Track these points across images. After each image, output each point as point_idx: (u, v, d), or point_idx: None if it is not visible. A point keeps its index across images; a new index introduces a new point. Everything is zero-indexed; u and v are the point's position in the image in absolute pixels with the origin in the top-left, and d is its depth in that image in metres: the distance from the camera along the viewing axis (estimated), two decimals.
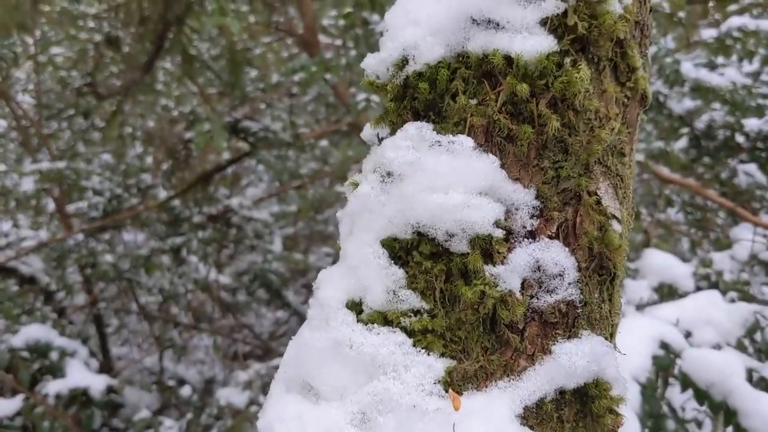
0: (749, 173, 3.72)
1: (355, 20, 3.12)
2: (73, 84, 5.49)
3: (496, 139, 0.89)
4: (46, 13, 6.43)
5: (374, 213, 0.89)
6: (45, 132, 5.65)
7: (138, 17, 3.24)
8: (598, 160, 0.92)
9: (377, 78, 0.97)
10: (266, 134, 3.67)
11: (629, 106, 0.99)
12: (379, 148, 0.93)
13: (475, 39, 0.90)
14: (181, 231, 4.57)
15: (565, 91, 0.88)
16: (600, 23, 0.90)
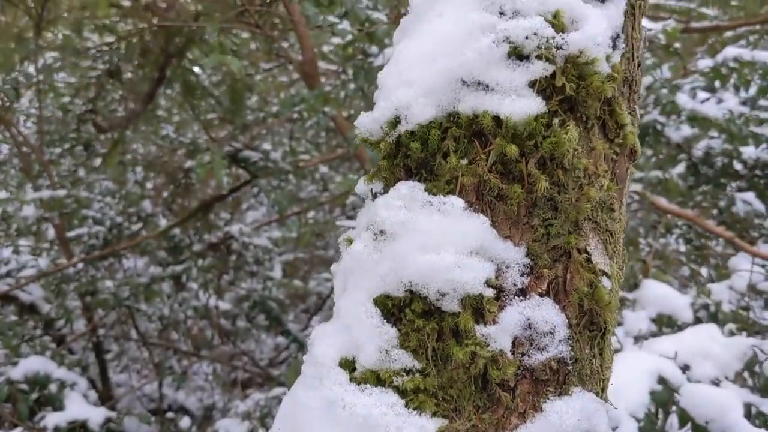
0: (747, 201, 3.73)
1: (354, 51, 3.15)
2: (75, 111, 5.54)
3: (487, 197, 0.91)
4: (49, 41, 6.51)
5: (367, 271, 0.90)
6: (46, 158, 5.69)
7: (139, 50, 3.29)
8: (587, 217, 0.93)
9: (371, 135, 0.99)
10: (266, 163, 3.70)
11: (618, 162, 1.01)
12: (372, 206, 0.94)
13: (465, 100, 0.92)
14: (182, 258, 4.59)
15: (554, 151, 0.89)
16: (588, 84, 0.92)
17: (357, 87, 2.93)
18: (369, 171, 1.04)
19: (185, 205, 4.80)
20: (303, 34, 3.19)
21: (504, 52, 0.91)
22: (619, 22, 0.99)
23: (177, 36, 3.32)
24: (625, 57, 1.03)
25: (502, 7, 0.93)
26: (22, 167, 6.21)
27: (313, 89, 3.30)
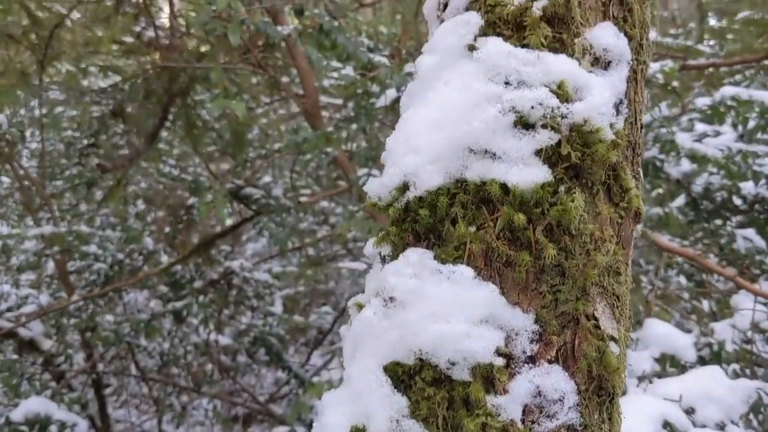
0: (748, 238, 3.74)
1: (356, 91, 3.19)
2: (77, 144, 5.57)
3: (495, 264, 0.92)
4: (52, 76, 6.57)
5: (378, 338, 0.91)
6: (47, 192, 5.71)
7: (143, 90, 3.32)
8: (594, 282, 0.94)
9: (380, 200, 1.00)
10: (268, 200, 3.72)
11: (623, 224, 1.02)
12: (381, 272, 0.95)
13: (472, 167, 0.93)
14: (182, 294, 4.58)
15: (560, 218, 0.91)
16: (593, 152, 0.93)
17: (359, 127, 2.96)
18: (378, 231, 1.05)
19: (186, 241, 4.81)
20: (305, 74, 3.23)
21: (510, 121, 0.93)
22: (622, 89, 1.01)
23: (180, 76, 3.35)
24: (628, 122, 1.05)
25: (508, 77, 0.95)
26: (23, 201, 6.24)
27: (316, 128, 3.33)
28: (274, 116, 6.71)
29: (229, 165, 6.32)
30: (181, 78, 3.32)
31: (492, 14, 1.01)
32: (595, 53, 1.00)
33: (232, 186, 3.80)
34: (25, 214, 6.48)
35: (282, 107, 6.73)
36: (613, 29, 1.02)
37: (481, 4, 1.03)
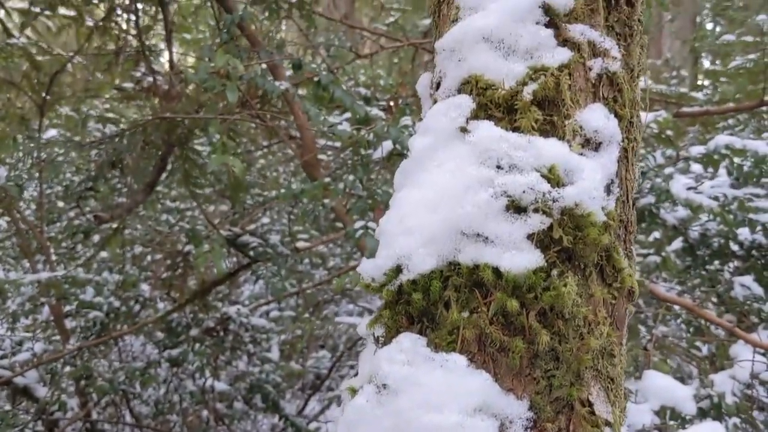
0: (745, 285, 3.73)
1: (353, 142, 3.21)
2: (74, 188, 5.59)
3: (489, 350, 0.92)
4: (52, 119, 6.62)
5: (370, 426, 0.90)
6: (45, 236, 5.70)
7: (142, 142, 3.35)
8: (588, 366, 0.94)
9: (373, 281, 1.00)
10: (265, 249, 3.72)
11: (617, 305, 1.02)
12: (374, 357, 0.95)
13: (465, 251, 0.94)
14: (179, 340, 4.54)
15: (553, 303, 0.91)
16: (585, 235, 0.94)
17: (356, 178, 2.98)
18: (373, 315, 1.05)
19: (183, 287, 4.79)
20: (303, 126, 3.26)
21: (502, 205, 0.93)
22: (613, 170, 1.02)
23: (179, 126, 3.38)
24: (620, 201, 1.06)
25: (499, 161, 0.96)
26: (20, 245, 6.23)
27: (313, 178, 3.35)
28: (272, 158, 6.74)
29: (227, 206, 6.35)
30: (179, 128, 3.35)
31: (483, 97, 1.03)
32: (585, 135, 1.01)
33: (230, 234, 3.80)
34: (22, 256, 6.46)
35: (280, 150, 6.78)
36: (603, 111, 1.03)
37: (472, 86, 1.05)
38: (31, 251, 5.96)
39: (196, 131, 3.52)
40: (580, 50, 1.05)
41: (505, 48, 1.04)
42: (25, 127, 6.13)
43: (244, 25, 2.97)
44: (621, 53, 1.09)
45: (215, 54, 2.35)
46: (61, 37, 6.47)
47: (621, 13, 1.11)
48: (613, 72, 1.06)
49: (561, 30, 1.05)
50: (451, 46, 1.08)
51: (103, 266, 5.62)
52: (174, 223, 4.47)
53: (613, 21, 1.10)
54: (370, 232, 2.68)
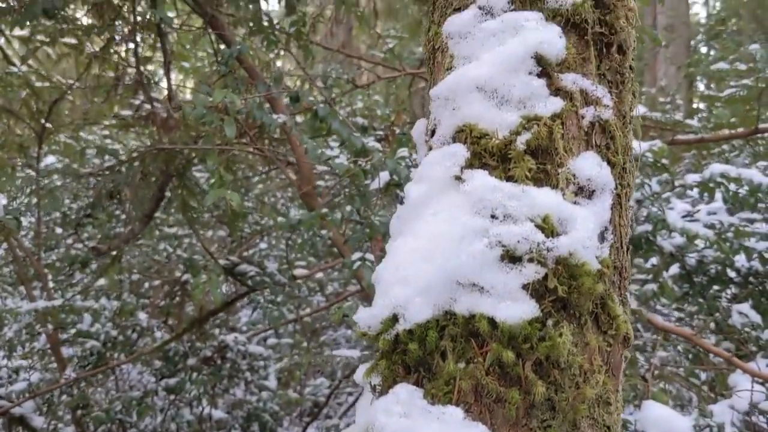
0: (743, 313, 3.73)
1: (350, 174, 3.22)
2: (72, 216, 5.59)
3: (486, 400, 0.92)
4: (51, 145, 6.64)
5: None
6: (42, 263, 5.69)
7: (140, 173, 3.36)
8: (585, 415, 0.94)
9: (369, 329, 1.00)
10: (263, 278, 3.72)
11: (612, 351, 1.02)
12: (371, 408, 0.95)
13: (461, 301, 0.94)
14: (176, 369, 4.52)
15: (549, 353, 0.91)
16: (579, 284, 0.95)
17: (353, 209, 2.99)
18: None
19: (181, 314, 4.78)
20: (301, 156, 3.28)
21: (497, 255, 0.94)
22: (606, 217, 1.03)
23: (177, 157, 3.40)
24: (614, 247, 1.07)
25: (494, 211, 0.97)
26: (18, 272, 6.22)
27: (311, 208, 3.36)
28: (269, 183, 6.76)
29: (225, 232, 6.35)
30: (178, 159, 3.37)
31: (477, 146, 1.04)
32: (578, 183, 1.03)
33: (227, 263, 3.80)
34: (19, 282, 6.45)
35: (278, 175, 6.80)
36: (596, 159, 1.05)
37: (466, 134, 1.06)
38: (28, 278, 5.95)
39: (194, 161, 3.54)
40: (572, 99, 1.07)
41: (498, 97, 1.05)
42: (23, 155, 6.15)
43: (242, 58, 3.00)
44: (613, 101, 1.11)
45: (213, 89, 2.37)
46: (61, 64, 6.52)
47: (612, 61, 1.13)
48: (605, 120, 1.08)
49: (553, 79, 1.07)
50: (446, 94, 1.09)
51: (101, 293, 5.61)
52: (171, 251, 4.47)
53: (604, 69, 1.12)
54: (367, 263, 2.68)
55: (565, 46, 1.07)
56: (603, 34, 1.11)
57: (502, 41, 1.08)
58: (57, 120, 6.19)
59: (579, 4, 1.09)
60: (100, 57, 5.14)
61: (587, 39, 1.10)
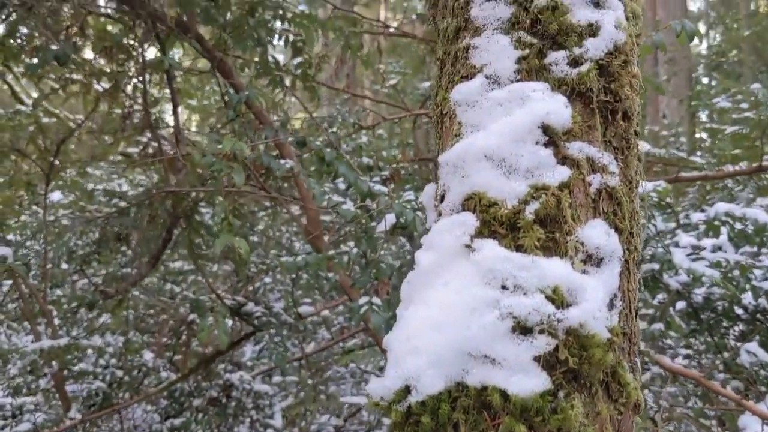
0: (752, 352, 3.71)
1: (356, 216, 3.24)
2: (78, 253, 5.61)
3: None
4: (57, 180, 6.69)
5: None
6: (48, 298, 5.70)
7: (148, 216, 3.39)
8: None
9: (382, 399, 1.01)
10: (269, 318, 3.72)
11: (623, 419, 1.03)
12: None
13: (473, 373, 0.95)
14: (182, 408, 4.50)
15: (561, 425, 0.92)
16: (590, 355, 0.95)
17: (360, 251, 3.00)
18: None
19: (187, 354, 4.77)
20: (307, 198, 3.31)
21: (508, 326, 0.95)
22: (615, 284, 1.04)
23: (185, 199, 3.43)
24: (623, 313, 1.07)
25: (504, 281, 0.98)
26: (23, 309, 6.22)
27: (317, 248, 3.37)
28: (275, 219, 6.79)
29: (230, 266, 6.35)
30: (185, 201, 3.40)
31: (487, 214, 1.06)
32: (587, 251, 1.04)
33: (233, 303, 3.81)
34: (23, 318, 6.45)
35: (283, 210, 6.82)
36: (604, 227, 1.06)
37: (475, 203, 1.08)
38: (33, 314, 5.96)
39: (201, 203, 3.57)
40: (579, 167, 1.08)
41: (506, 167, 1.07)
42: (30, 193, 6.20)
43: (250, 103, 3.05)
44: (619, 167, 1.13)
45: (222, 136, 2.40)
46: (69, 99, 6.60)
47: (618, 128, 1.15)
48: (612, 187, 1.10)
49: (560, 148, 1.09)
50: (455, 162, 1.11)
51: (106, 330, 5.61)
52: (178, 292, 4.49)
53: (610, 136, 1.14)
54: (374, 308, 2.69)
55: (571, 115, 1.10)
56: (608, 102, 1.14)
57: (509, 111, 1.10)
58: (64, 157, 6.25)
59: (584, 73, 1.12)
60: (108, 96, 5.21)
61: (593, 107, 1.13)
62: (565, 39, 1.14)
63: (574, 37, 1.14)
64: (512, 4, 1.19)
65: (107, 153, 6.33)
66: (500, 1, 1.20)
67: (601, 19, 1.16)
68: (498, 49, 1.16)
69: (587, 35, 1.15)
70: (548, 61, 1.14)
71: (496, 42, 1.17)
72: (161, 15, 3.30)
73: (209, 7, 3.25)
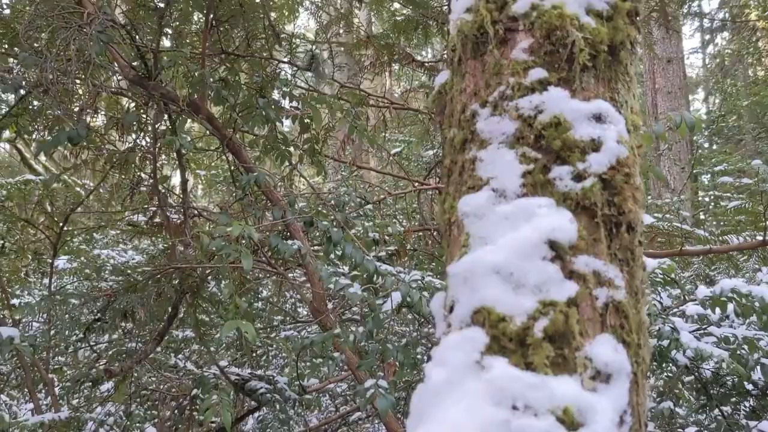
0: (762, 430, 3.66)
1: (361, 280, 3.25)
2: (81, 318, 5.61)
3: None
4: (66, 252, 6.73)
5: None
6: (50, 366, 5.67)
7: (154, 294, 3.42)
8: None
9: None
10: (273, 395, 3.69)
11: None
12: None
13: None
14: None
15: None
16: None
17: (366, 331, 3.00)
18: None
19: (189, 426, 4.71)
20: (313, 275, 3.33)
21: None
22: (624, 401, 1.05)
23: (192, 276, 3.46)
24: (633, 428, 1.08)
25: (515, 401, 0.99)
26: (24, 378, 6.17)
27: (323, 326, 3.37)
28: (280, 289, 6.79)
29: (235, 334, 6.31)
30: (191, 278, 3.43)
31: (496, 330, 1.08)
32: (596, 367, 1.05)
33: (237, 378, 3.78)
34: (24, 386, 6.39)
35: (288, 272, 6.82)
36: (612, 342, 1.08)
37: (484, 317, 1.10)
38: (34, 382, 5.91)
39: (208, 278, 3.59)
40: (585, 281, 1.11)
41: (514, 282, 1.09)
42: (37, 262, 6.23)
43: (260, 183, 3.10)
44: (625, 278, 1.15)
45: (231, 218, 2.44)
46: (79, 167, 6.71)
47: (622, 240, 1.18)
48: (618, 301, 1.11)
49: (566, 262, 1.11)
50: (464, 275, 1.14)
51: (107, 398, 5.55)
52: (182, 364, 4.46)
53: (615, 249, 1.17)
54: (380, 390, 2.67)
55: (576, 230, 1.13)
56: (612, 216, 1.17)
57: (515, 226, 1.13)
58: (71, 224, 6.30)
59: (588, 188, 1.15)
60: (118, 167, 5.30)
61: (597, 221, 1.16)
62: (568, 154, 1.18)
63: (577, 153, 1.18)
64: (517, 119, 1.23)
65: (114, 220, 6.40)
66: (505, 116, 1.24)
67: (603, 135, 1.20)
68: (503, 164, 1.20)
69: (590, 150, 1.19)
70: (552, 176, 1.18)
71: (502, 156, 1.21)
72: (173, 96, 3.40)
73: (220, 88, 3.35)
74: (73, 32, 3.09)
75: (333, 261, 2.89)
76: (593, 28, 1.27)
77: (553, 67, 1.26)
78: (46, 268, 5.78)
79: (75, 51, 3.11)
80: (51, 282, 5.15)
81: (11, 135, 6.36)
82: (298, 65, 3.96)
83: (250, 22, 3.60)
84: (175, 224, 5.08)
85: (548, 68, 1.26)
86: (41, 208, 6.24)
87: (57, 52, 3.18)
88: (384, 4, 5.55)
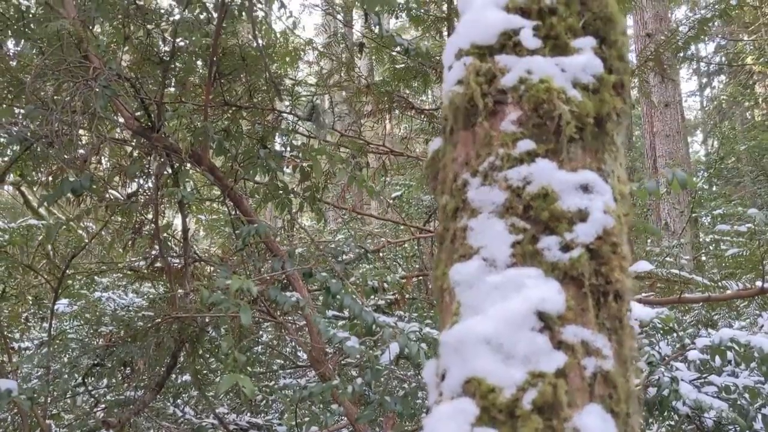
0: None
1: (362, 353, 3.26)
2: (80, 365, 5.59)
3: None
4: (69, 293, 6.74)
5: None
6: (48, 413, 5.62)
7: (154, 344, 3.43)
8: None
9: None
10: None
11: None
12: None
13: None
14: None
15: None
16: None
17: (364, 382, 3.00)
18: None
19: None
20: (312, 325, 3.34)
21: None
22: None
23: (191, 325, 3.47)
24: None
25: None
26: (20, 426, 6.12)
27: (322, 376, 3.37)
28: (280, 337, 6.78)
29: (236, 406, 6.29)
30: (191, 327, 3.44)
31: (486, 400, 1.09)
32: None
33: (236, 428, 3.76)
34: None
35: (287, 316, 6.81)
36: (600, 413, 1.09)
37: (475, 387, 1.11)
38: (30, 430, 5.85)
39: (207, 328, 3.60)
40: (574, 351, 1.13)
41: (504, 352, 1.12)
42: (38, 307, 6.24)
43: (260, 234, 3.14)
44: (613, 348, 1.17)
45: (231, 277, 2.47)
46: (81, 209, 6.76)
47: (610, 309, 1.20)
48: (606, 371, 1.13)
49: (555, 333, 1.13)
50: (455, 344, 1.16)
51: None
52: (181, 413, 4.44)
53: (603, 318, 1.19)
54: None
55: (564, 300, 1.15)
56: (599, 285, 1.20)
57: (505, 296, 1.16)
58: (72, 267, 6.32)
59: (575, 258, 1.18)
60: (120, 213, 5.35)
61: (584, 291, 1.18)
62: (556, 225, 1.22)
63: (565, 223, 1.21)
64: (506, 189, 1.27)
65: (116, 264, 6.43)
66: (494, 186, 1.28)
67: (590, 205, 1.23)
68: (493, 233, 1.24)
69: (577, 221, 1.22)
70: (541, 246, 1.21)
71: (492, 226, 1.24)
72: (176, 147, 3.46)
73: (222, 140, 3.41)
74: (79, 86, 3.17)
75: (333, 306, 2.90)
76: (580, 101, 1.32)
77: (541, 139, 1.30)
78: (45, 313, 5.79)
79: (80, 104, 3.19)
80: (51, 327, 5.15)
81: (15, 179, 6.43)
82: (299, 115, 4.04)
83: (252, 75, 3.68)
84: (176, 269, 5.11)
85: (536, 140, 1.30)
86: (43, 252, 6.27)
87: (62, 104, 3.25)
88: (383, 53, 5.67)
